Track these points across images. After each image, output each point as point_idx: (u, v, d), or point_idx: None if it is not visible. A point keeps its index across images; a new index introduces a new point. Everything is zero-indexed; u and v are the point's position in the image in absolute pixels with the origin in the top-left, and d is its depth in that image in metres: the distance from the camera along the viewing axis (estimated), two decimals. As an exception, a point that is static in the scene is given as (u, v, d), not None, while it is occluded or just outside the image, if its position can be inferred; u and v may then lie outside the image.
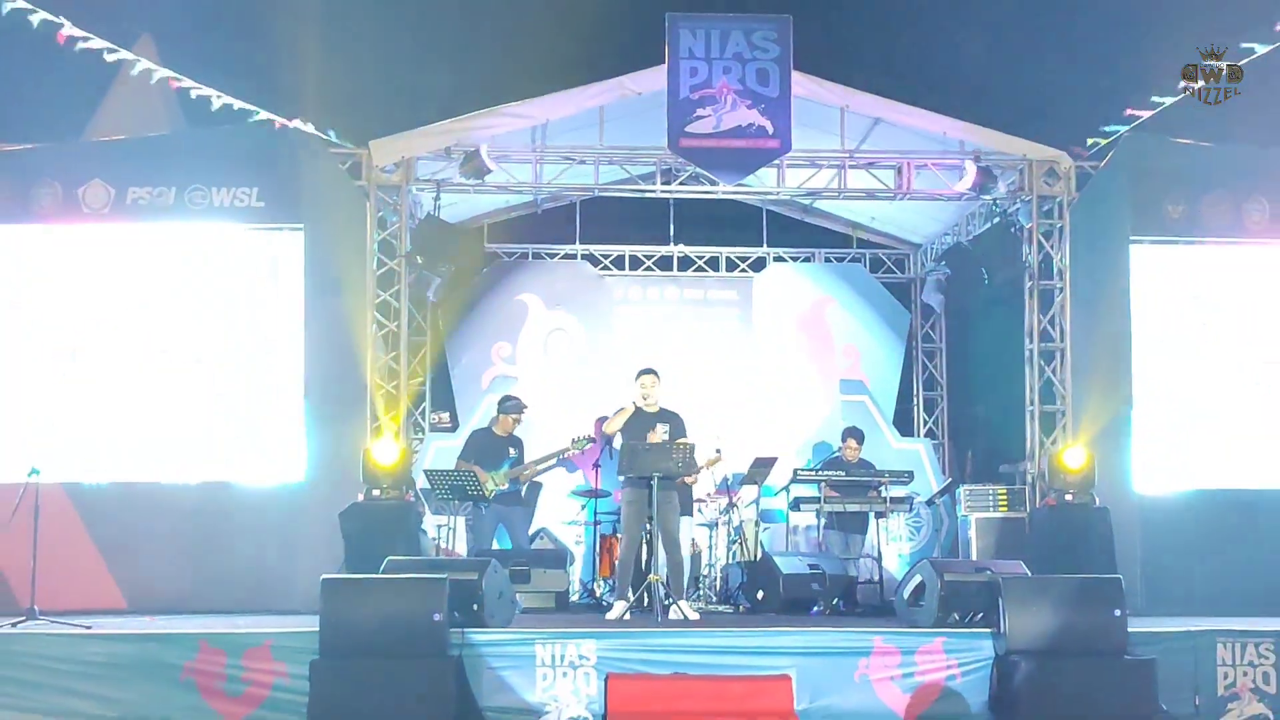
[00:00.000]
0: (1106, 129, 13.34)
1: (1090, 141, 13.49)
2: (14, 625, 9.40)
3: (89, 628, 9.30)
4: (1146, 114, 13.02)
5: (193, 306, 12.91)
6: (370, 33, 16.30)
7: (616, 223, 16.33)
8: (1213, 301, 13.41)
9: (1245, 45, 12.05)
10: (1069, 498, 12.44)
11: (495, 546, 12.05)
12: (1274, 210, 13.34)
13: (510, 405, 12.65)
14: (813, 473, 12.93)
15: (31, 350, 12.82)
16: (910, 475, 13.10)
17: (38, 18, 11.72)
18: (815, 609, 11.31)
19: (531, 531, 13.08)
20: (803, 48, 12.76)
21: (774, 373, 16.10)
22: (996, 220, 14.19)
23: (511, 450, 12.31)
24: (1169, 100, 12.75)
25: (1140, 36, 14.47)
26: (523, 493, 12.77)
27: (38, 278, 12.90)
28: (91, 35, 12.11)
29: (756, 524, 13.07)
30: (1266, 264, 13.45)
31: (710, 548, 13.19)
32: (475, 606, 9.17)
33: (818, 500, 12.58)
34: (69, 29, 11.95)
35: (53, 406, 12.67)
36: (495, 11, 16.81)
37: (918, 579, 10.04)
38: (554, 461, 12.59)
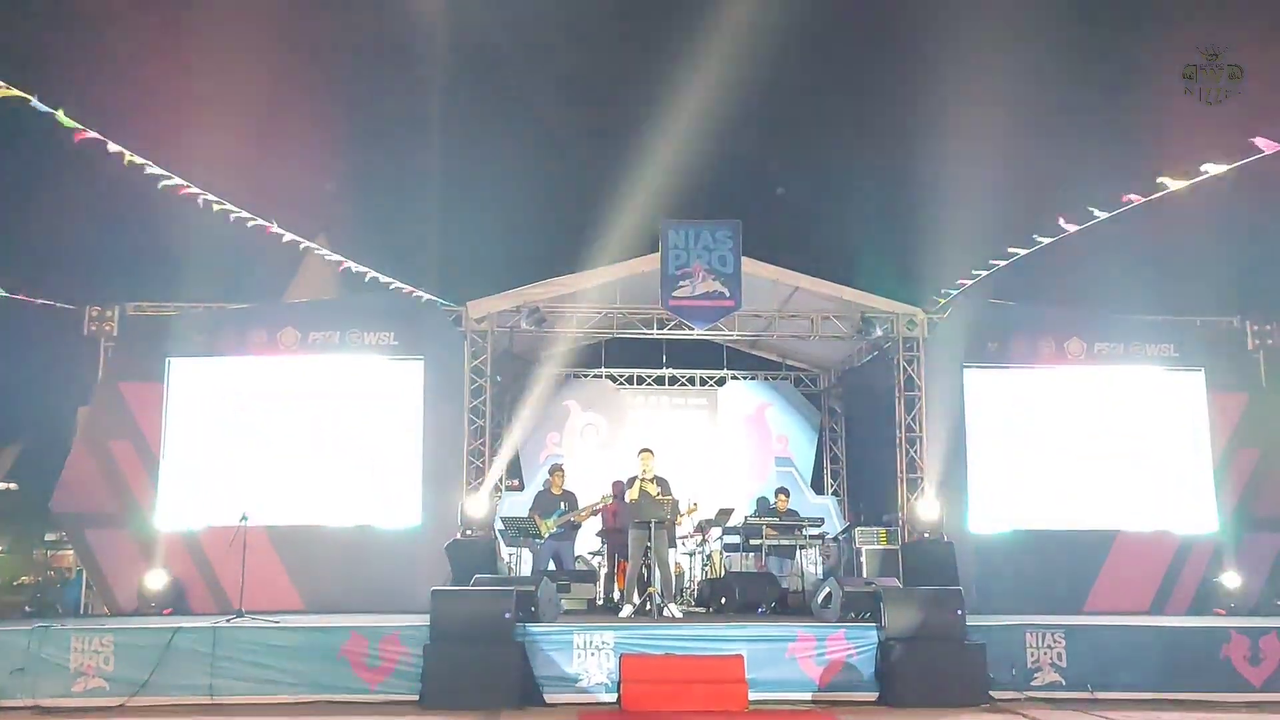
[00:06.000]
0: (946, 292, 13.47)
1: (935, 300, 13.62)
2: (228, 621, 9.36)
3: (277, 622, 9.26)
4: (970, 283, 13.16)
5: (350, 410, 12.96)
6: (465, 231, 16.56)
7: (628, 354, 16.47)
8: (1020, 404, 13.43)
9: (1012, 251, 12.21)
10: (926, 536, 12.39)
11: (552, 567, 11.93)
12: (1058, 345, 13.42)
13: (553, 467, 12.63)
14: (757, 518, 12.86)
15: (245, 440, 12.86)
16: (822, 520, 13.06)
17: (255, 223, 11.87)
18: (760, 610, 11.19)
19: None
20: (749, 239, 12.91)
21: (731, 452, 16.14)
22: (876, 353, 14.29)
23: (563, 504, 12.21)
24: (984, 274, 12.91)
25: (963, 234, 14.65)
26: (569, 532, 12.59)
27: (249, 392, 12.95)
28: (288, 231, 12.26)
29: (721, 552, 12.98)
30: (1055, 379, 13.48)
31: (689, 569, 13.08)
32: (533, 608, 9.13)
33: (761, 536, 12.51)
34: (274, 228, 12.10)
35: (258, 476, 12.67)
36: (548, 215, 17.11)
37: (827, 589, 9.97)
38: (589, 513, 12.49)
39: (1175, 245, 14.70)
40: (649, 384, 16.66)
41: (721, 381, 16.76)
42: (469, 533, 11.83)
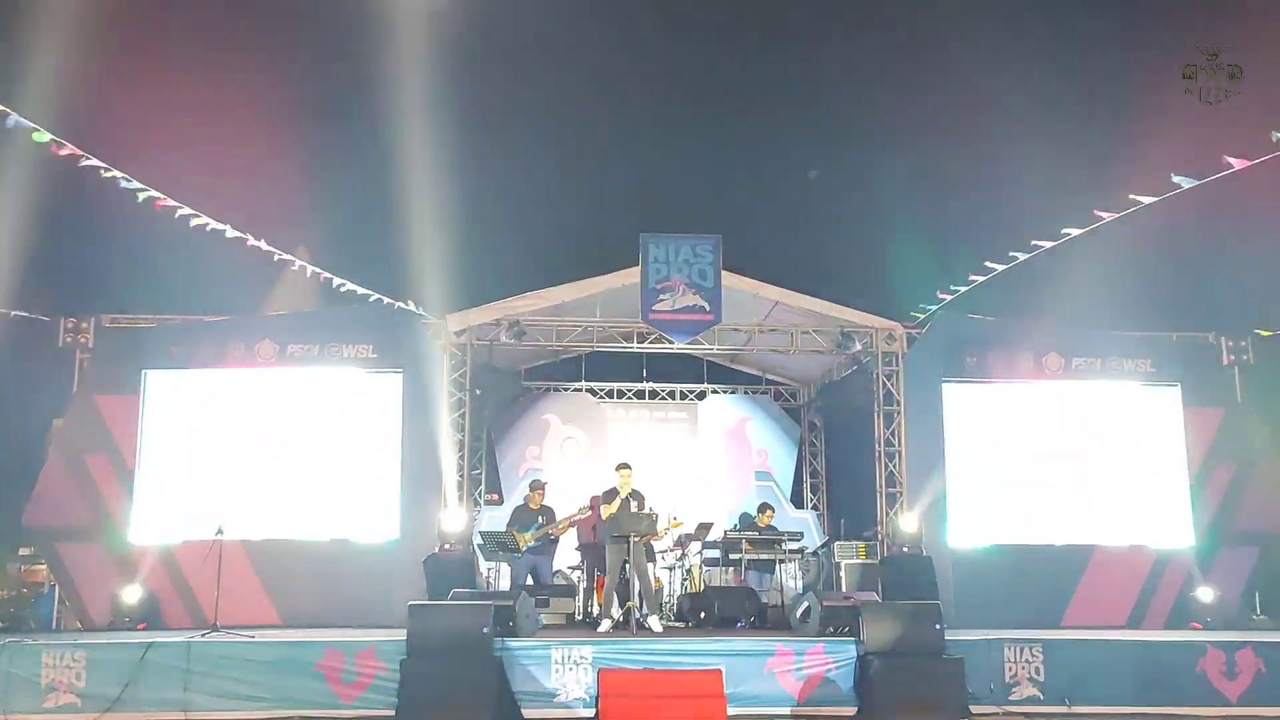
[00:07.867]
0: (925, 307, 13.55)
1: (914, 315, 13.69)
2: (203, 635, 9.29)
3: (253, 636, 9.20)
4: (949, 298, 13.24)
5: (328, 424, 12.87)
6: (445, 243, 16.50)
7: (608, 368, 16.47)
8: (998, 419, 13.47)
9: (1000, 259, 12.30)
10: (905, 550, 12.39)
11: (530, 582, 11.89)
12: (1036, 360, 13.46)
13: (534, 483, 12.61)
14: (738, 533, 12.85)
15: (220, 453, 12.77)
16: (801, 535, 13.01)
17: (234, 233, 11.85)
18: (739, 624, 11.18)
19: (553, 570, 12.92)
20: (729, 254, 12.98)
21: (712, 467, 16.13)
22: (855, 368, 14.34)
23: (540, 518, 12.18)
24: (963, 289, 12.99)
25: (942, 250, 14.76)
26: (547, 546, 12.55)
27: (227, 405, 12.86)
28: (266, 244, 12.23)
29: (701, 567, 12.96)
30: (1033, 394, 13.51)
31: (669, 583, 13.03)
32: (511, 623, 9.09)
33: (740, 551, 12.50)
34: (252, 241, 12.08)
35: (234, 489, 12.57)
36: (529, 228, 17.10)
37: (806, 604, 9.96)
38: (566, 525, 12.46)
39: (1152, 261, 14.84)
40: (629, 398, 16.66)
41: (702, 395, 16.78)
42: (447, 547, 11.76)
